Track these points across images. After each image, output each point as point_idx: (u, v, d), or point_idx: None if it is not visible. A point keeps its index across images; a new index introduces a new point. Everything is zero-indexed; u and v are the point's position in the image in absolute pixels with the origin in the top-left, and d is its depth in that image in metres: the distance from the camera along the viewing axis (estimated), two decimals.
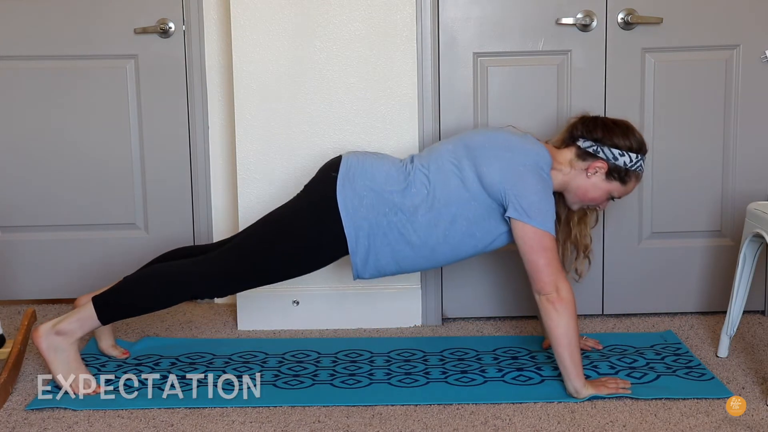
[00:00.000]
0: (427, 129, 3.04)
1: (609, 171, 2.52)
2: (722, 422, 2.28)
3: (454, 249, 2.53)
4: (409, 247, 2.50)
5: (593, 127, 2.54)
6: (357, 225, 2.47)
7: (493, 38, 3.03)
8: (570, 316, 2.38)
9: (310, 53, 3.00)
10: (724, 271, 3.12)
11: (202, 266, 2.53)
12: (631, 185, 2.57)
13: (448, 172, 2.50)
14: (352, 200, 2.47)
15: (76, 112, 3.26)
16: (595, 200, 2.58)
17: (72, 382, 2.47)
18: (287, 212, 2.56)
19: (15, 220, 3.32)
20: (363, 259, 2.50)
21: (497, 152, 2.49)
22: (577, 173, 2.54)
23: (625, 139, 2.52)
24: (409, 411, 2.38)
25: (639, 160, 2.53)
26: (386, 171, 2.53)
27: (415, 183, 2.50)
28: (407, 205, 2.48)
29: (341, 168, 2.53)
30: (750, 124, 3.07)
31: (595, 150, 2.52)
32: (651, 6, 3.00)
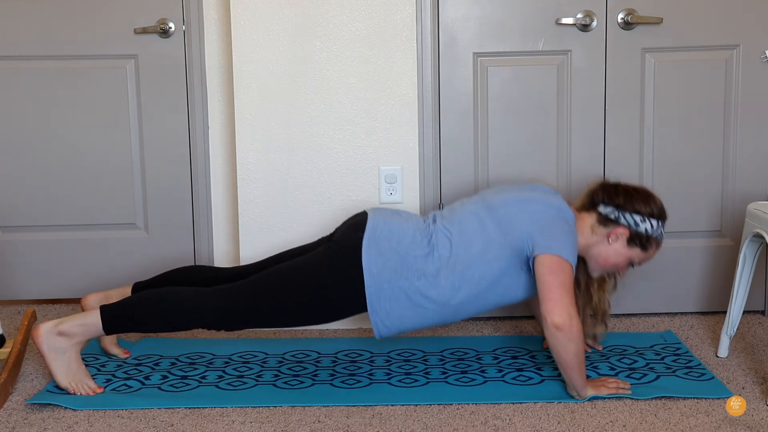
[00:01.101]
0: (427, 129, 3.04)
1: (630, 237, 2.52)
2: (722, 422, 2.28)
3: (477, 307, 2.52)
4: (432, 308, 2.48)
5: (614, 194, 2.55)
6: (379, 287, 2.45)
7: (493, 38, 3.03)
8: (578, 342, 2.35)
9: (310, 53, 3.00)
10: (724, 271, 3.12)
11: (213, 299, 2.50)
12: (652, 251, 2.57)
13: (470, 235, 2.49)
14: (376, 262, 2.45)
15: (76, 112, 3.26)
16: (616, 266, 2.58)
17: (72, 383, 2.47)
18: (309, 264, 2.52)
19: (15, 220, 3.32)
20: (384, 319, 2.48)
21: (521, 207, 2.50)
22: (599, 239, 2.54)
23: (646, 206, 2.53)
24: (409, 411, 2.38)
25: (660, 226, 2.54)
26: (411, 234, 2.51)
27: (438, 246, 2.49)
28: (430, 269, 2.46)
29: (368, 228, 2.51)
30: (750, 125, 3.07)
31: (617, 216, 2.52)
32: (651, 6, 3.00)
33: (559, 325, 2.32)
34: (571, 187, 3.09)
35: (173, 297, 2.52)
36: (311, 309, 2.49)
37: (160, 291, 2.56)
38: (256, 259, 3.07)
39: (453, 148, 3.08)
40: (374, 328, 2.49)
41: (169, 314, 2.49)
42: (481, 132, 3.08)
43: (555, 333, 2.33)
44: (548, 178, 3.09)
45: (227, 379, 2.61)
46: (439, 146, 3.08)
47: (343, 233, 2.58)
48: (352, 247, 2.48)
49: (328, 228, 3.08)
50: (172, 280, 2.71)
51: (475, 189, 3.11)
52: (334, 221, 3.08)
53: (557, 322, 2.32)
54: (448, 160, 3.09)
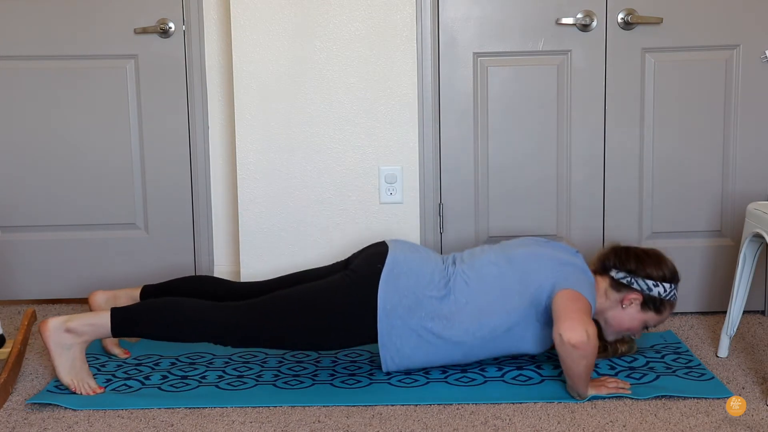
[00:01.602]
0: (427, 129, 3.04)
1: (644, 302, 2.52)
2: (722, 422, 2.28)
3: (488, 352, 2.53)
4: (442, 348, 2.48)
5: (626, 259, 2.54)
6: (391, 323, 2.44)
7: (493, 38, 3.03)
8: (594, 356, 2.33)
9: (310, 53, 3.00)
10: (724, 271, 3.12)
11: (224, 315, 2.49)
12: (666, 314, 2.56)
13: (489, 282, 2.49)
14: (392, 299, 2.44)
15: (76, 112, 3.26)
16: (630, 330, 2.58)
17: (75, 380, 2.47)
18: (324, 290, 2.51)
19: (15, 220, 3.32)
20: (392, 355, 2.48)
21: (544, 261, 2.50)
22: (612, 304, 2.54)
23: (659, 270, 2.52)
24: (409, 411, 2.38)
25: (672, 289, 2.53)
26: (430, 274, 2.50)
27: (455, 290, 2.48)
28: (444, 312, 2.46)
29: (387, 261, 2.49)
30: (750, 125, 3.07)
31: (629, 281, 2.52)
32: (651, 6, 3.00)
33: (576, 344, 2.27)
34: (572, 186, 3.09)
35: (185, 309, 2.51)
36: (321, 335, 2.48)
37: (172, 300, 2.55)
38: (256, 259, 3.08)
39: (453, 148, 3.08)
40: (382, 362, 2.49)
41: (179, 325, 2.49)
42: (481, 132, 3.08)
43: (570, 350, 2.29)
44: (548, 177, 3.10)
45: (227, 379, 2.61)
46: (439, 146, 3.08)
47: (361, 263, 2.55)
48: (370, 281, 2.47)
49: (328, 228, 3.09)
50: (183, 289, 2.70)
51: (474, 188, 3.11)
52: (334, 221, 3.08)
53: (575, 341, 2.27)
54: (448, 160, 3.09)
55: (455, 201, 3.12)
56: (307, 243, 3.09)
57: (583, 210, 3.12)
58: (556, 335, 2.30)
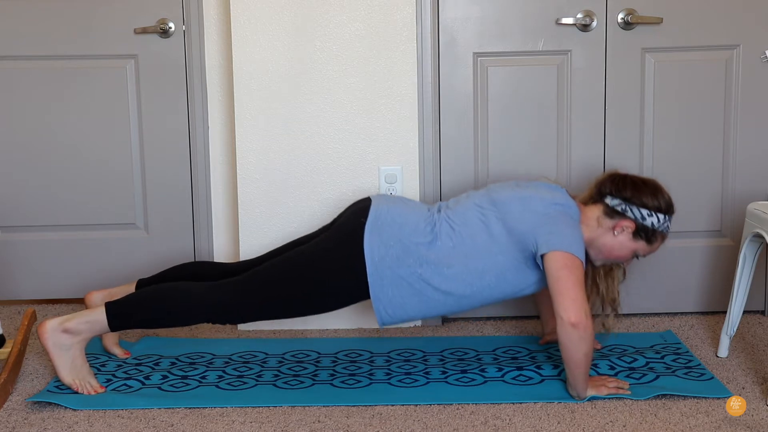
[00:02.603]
0: (427, 129, 3.04)
1: (636, 230, 2.51)
2: (722, 422, 2.28)
3: (482, 299, 2.52)
4: (435, 297, 2.48)
5: (622, 186, 2.53)
6: (381, 274, 2.45)
7: (493, 38, 3.03)
8: (590, 342, 2.35)
9: (310, 53, 3.00)
10: (724, 271, 3.12)
11: (219, 292, 2.50)
12: (657, 245, 2.56)
13: (474, 226, 2.49)
14: (378, 249, 2.45)
15: (76, 112, 3.26)
16: (620, 258, 2.57)
17: (76, 380, 2.48)
18: (313, 251, 2.53)
19: (15, 220, 3.32)
20: (386, 307, 2.48)
21: (526, 204, 2.50)
22: (604, 231, 2.53)
23: (654, 199, 2.52)
24: (409, 411, 2.38)
25: (666, 220, 2.53)
26: (414, 221, 2.51)
27: (441, 236, 2.48)
28: (432, 257, 2.46)
29: (370, 214, 2.51)
30: (750, 124, 3.07)
31: (623, 209, 2.51)
32: (651, 6, 3.00)
33: (575, 323, 2.31)
34: (571, 186, 3.09)
35: (177, 292, 2.52)
36: (316, 297, 2.50)
37: (163, 286, 2.57)
38: None
39: (453, 148, 3.08)
40: (377, 316, 2.49)
41: (174, 309, 2.50)
42: (481, 132, 3.08)
43: (570, 331, 2.32)
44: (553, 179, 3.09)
45: (227, 379, 2.61)
46: (439, 146, 3.08)
47: (345, 219, 2.58)
48: (355, 234, 2.48)
49: None
50: (176, 276, 2.71)
51: (475, 189, 3.10)
52: None
53: (574, 320, 2.31)
54: (448, 160, 3.09)
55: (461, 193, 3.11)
56: None
57: None
58: (556, 315, 2.34)
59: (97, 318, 2.49)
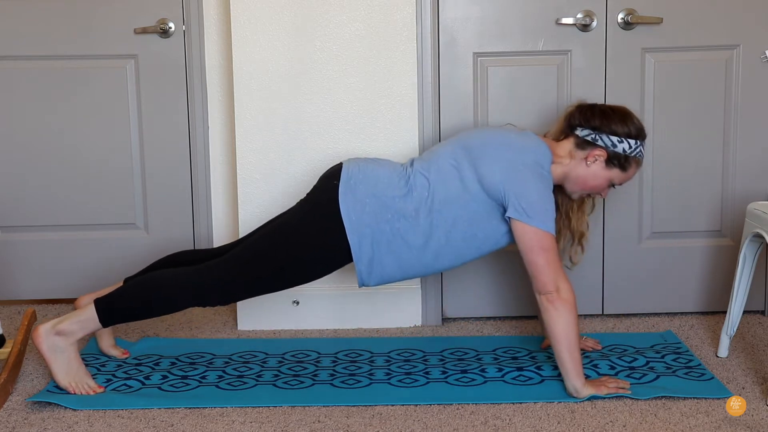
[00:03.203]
0: (427, 129, 3.04)
1: (608, 158, 2.51)
2: (722, 422, 2.28)
3: (457, 252, 2.52)
4: (412, 253, 2.49)
5: (591, 115, 2.53)
6: (360, 232, 2.46)
7: (493, 38, 3.03)
8: (570, 316, 2.38)
9: (310, 53, 3.00)
10: (724, 271, 3.12)
11: (204, 274, 2.51)
12: (632, 171, 2.55)
13: (447, 174, 2.50)
14: (354, 207, 2.46)
15: (76, 112, 3.27)
16: (596, 188, 2.56)
17: (72, 382, 2.48)
18: (290, 221, 2.55)
19: (15, 220, 3.32)
20: (367, 266, 2.49)
21: (497, 152, 2.49)
22: (577, 163, 2.53)
23: (624, 126, 2.51)
24: (409, 411, 2.38)
25: (638, 146, 2.52)
26: (387, 176, 2.52)
27: (416, 186, 2.49)
28: (409, 209, 2.47)
29: (342, 175, 2.52)
30: (750, 124, 3.07)
31: (594, 138, 2.50)
32: (651, 6, 3.00)
33: (551, 299, 2.39)
34: None
35: (163, 279, 2.53)
36: (300, 267, 2.51)
37: (149, 275, 2.58)
38: None
39: None
40: (358, 276, 2.51)
41: (162, 295, 2.50)
42: None
43: (547, 306, 2.40)
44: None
45: (227, 379, 2.61)
46: None
47: (318, 185, 2.59)
48: (329, 198, 2.49)
49: None
50: (161, 266, 2.71)
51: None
52: None
53: (548, 295, 2.40)
54: None
55: None
56: None
57: None
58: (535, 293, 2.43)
59: (88, 316, 2.49)
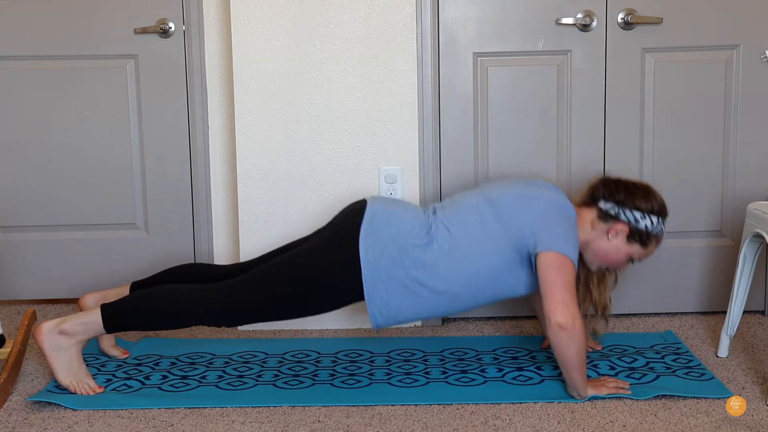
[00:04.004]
0: (427, 129, 3.04)
1: (630, 234, 2.51)
2: (722, 422, 2.28)
3: (475, 299, 2.52)
4: (429, 299, 2.47)
5: (615, 189, 2.54)
6: (375, 276, 2.44)
7: (493, 38, 3.03)
8: (580, 342, 2.35)
9: (310, 53, 3.00)
10: (724, 271, 3.12)
11: (213, 295, 2.49)
12: (652, 248, 2.55)
13: (470, 228, 2.49)
14: (373, 250, 2.44)
15: (76, 112, 3.27)
16: (615, 262, 2.57)
17: (73, 381, 2.48)
18: (306, 252, 2.52)
19: (15, 220, 3.32)
20: (381, 309, 2.47)
21: (524, 202, 2.49)
22: (598, 235, 2.53)
23: (647, 202, 2.52)
24: (409, 411, 2.38)
25: (660, 222, 2.53)
26: (410, 223, 2.50)
27: (437, 237, 2.47)
28: (428, 260, 2.45)
29: (366, 215, 2.50)
30: (750, 124, 3.07)
31: (617, 212, 2.51)
32: (651, 6, 3.00)
33: (562, 325, 2.32)
34: (572, 186, 3.09)
35: (173, 294, 2.52)
36: (312, 299, 2.49)
37: (159, 289, 2.56)
38: None
39: (453, 148, 3.08)
40: (371, 318, 2.49)
41: (169, 312, 2.49)
42: (481, 132, 3.08)
43: (559, 332, 2.33)
44: (548, 177, 3.09)
45: (227, 379, 2.61)
46: (439, 146, 3.08)
47: (341, 221, 2.57)
48: (350, 235, 2.47)
49: None
50: (171, 278, 2.71)
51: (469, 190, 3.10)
52: None
53: (561, 321, 2.32)
54: (448, 160, 3.09)
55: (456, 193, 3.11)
56: None
57: None
58: (546, 317, 2.36)
59: (93, 319, 2.49)
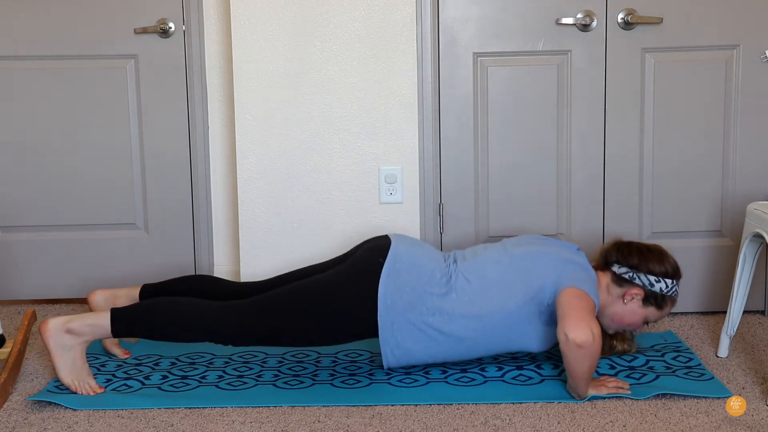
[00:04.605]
0: (427, 129, 3.04)
1: (646, 297, 2.51)
2: (722, 422, 2.28)
3: (490, 349, 2.52)
4: (443, 342, 2.47)
5: (628, 254, 2.54)
6: (392, 318, 2.43)
7: (493, 38, 3.03)
8: (597, 357, 2.33)
9: (310, 53, 3.00)
10: (724, 271, 3.11)
11: (223, 315, 2.49)
12: (667, 309, 2.56)
13: (491, 281, 2.48)
14: (392, 294, 2.43)
15: (76, 112, 3.27)
16: (632, 325, 2.57)
17: (75, 381, 2.48)
18: (324, 283, 2.50)
19: (15, 220, 3.32)
20: (393, 350, 2.47)
21: (546, 258, 2.49)
22: (614, 299, 2.54)
23: (661, 265, 2.52)
24: (409, 411, 2.38)
25: (674, 285, 2.53)
26: (430, 270, 2.50)
27: (456, 288, 2.47)
28: (446, 308, 2.45)
29: (389, 257, 2.48)
30: (750, 124, 3.07)
31: (631, 276, 2.51)
32: (651, 6, 3.00)
33: (582, 344, 2.27)
34: (572, 186, 3.09)
35: (185, 309, 2.51)
36: (321, 331, 2.47)
37: (169, 300, 2.55)
38: (256, 259, 3.08)
39: (453, 148, 3.08)
40: (383, 359, 2.49)
41: (177, 325, 2.49)
42: (481, 132, 3.08)
43: (575, 350, 2.28)
44: (548, 177, 3.10)
45: (227, 379, 2.61)
46: (439, 146, 3.08)
47: (363, 256, 2.54)
48: (371, 274, 2.46)
49: (328, 228, 3.09)
50: (182, 288, 2.70)
51: (474, 189, 3.11)
52: (335, 222, 3.08)
53: (580, 340, 2.26)
54: (448, 160, 3.09)
55: (455, 201, 3.12)
56: (307, 243, 3.09)
57: (583, 209, 3.12)
58: (561, 334, 2.29)
59: (101, 322, 2.48)
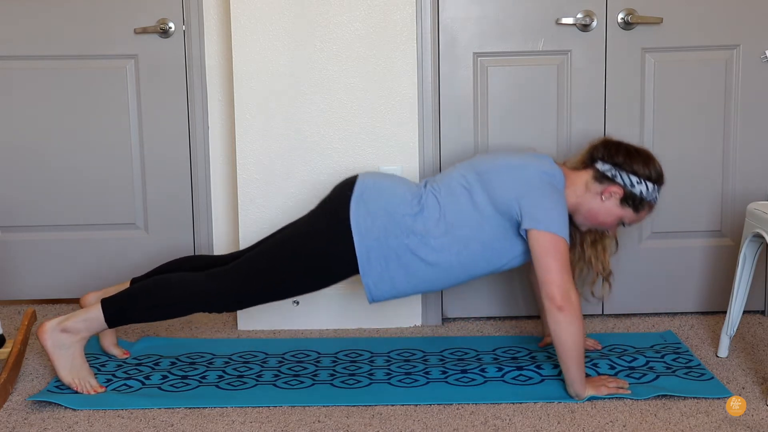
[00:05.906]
0: (427, 129, 3.04)
1: (624, 197, 2.51)
2: (722, 422, 2.28)
3: (469, 270, 2.53)
4: (423, 268, 2.49)
5: (615, 152, 2.54)
6: (368, 246, 2.46)
7: (493, 38, 3.03)
8: (579, 325, 2.37)
9: (310, 53, 3.00)
10: (724, 271, 3.12)
11: (213, 280, 2.52)
12: (643, 214, 2.56)
13: (458, 195, 2.50)
14: (365, 220, 2.46)
15: (76, 112, 3.27)
16: (605, 224, 2.57)
17: (75, 379, 2.48)
18: (300, 230, 2.57)
19: (15, 220, 3.32)
20: (375, 281, 2.49)
21: (509, 171, 2.51)
22: (591, 196, 2.53)
23: (645, 168, 2.52)
24: (409, 411, 2.38)
25: (655, 190, 2.53)
26: (401, 193, 2.53)
27: (428, 206, 2.50)
28: (419, 228, 2.47)
29: (356, 188, 2.53)
30: (750, 124, 3.07)
31: (613, 174, 2.51)
32: (651, 6, 3.00)
33: (560, 306, 2.35)
34: None
35: (171, 283, 2.54)
36: (308, 276, 2.52)
37: (157, 278, 2.58)
38: None
39: (453, 148, 3.08)
40: (366, 291, 2.51)
41: (169, 300, 2.51)
42: (481, 132, 3.08)
43: (557, 315, 2.35)
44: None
45: (227, 379, 2.61)
46: (439, 146, 3.08)
47: (332, 195, 2.60)
48: (341, 207, 2.50)
49: None
50: (169, 269, 2.72)
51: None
52: None
53: (559, 303, 2.35)
54: (448, 160, 3.08)
55: None
56: None
57: None
58: (543, 300, 2.38)
59: (94, 315, 2.50)
